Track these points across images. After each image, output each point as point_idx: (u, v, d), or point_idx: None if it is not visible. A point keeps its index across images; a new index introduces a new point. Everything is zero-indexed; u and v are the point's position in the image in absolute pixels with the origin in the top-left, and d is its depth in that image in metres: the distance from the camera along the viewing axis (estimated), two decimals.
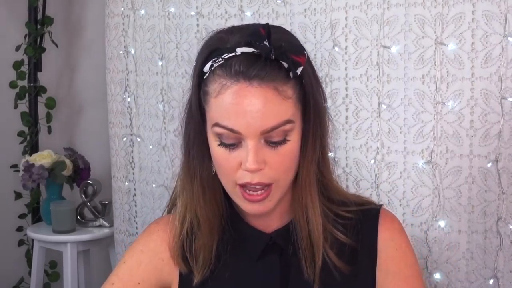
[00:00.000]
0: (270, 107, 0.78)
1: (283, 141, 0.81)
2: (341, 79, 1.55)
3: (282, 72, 0.80)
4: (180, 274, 0.95)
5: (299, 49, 0.84)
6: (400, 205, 1.50)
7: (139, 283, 0.93)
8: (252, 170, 0.79)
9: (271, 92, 0.78)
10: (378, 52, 1.50)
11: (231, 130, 0.80)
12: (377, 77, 1.51)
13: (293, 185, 0.89)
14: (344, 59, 1.54)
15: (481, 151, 1.41)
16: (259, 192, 0.82)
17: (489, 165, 1.40)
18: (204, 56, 0.84)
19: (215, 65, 0.81)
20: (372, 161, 1.53)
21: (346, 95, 1.55)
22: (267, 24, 0.81)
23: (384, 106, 1.51)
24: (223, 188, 0.89)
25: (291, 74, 0.80)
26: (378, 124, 1.52)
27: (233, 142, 0.81)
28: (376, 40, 1.50)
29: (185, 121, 0.92)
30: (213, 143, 0.84)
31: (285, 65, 0.80)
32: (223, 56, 0.80)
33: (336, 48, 1.55)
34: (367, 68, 1.52)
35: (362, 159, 1.54)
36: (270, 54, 0.78)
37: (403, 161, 1.50)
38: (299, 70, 0.81)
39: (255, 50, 0.79)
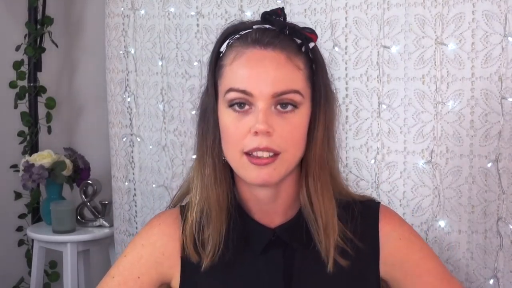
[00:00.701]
0: (282, 72, 0.82)
1: (292, 110, 0.84)
2: (341, 79, 1.55)
3: (294, 45, 0.85)
4: (182, 268, 0.95)
5: (312, 30, 0.89)
6: (400, 205, 1.50)
7: (139, 277, 0.94)
8: (261, 131, 0.80)
9: (284, 59, 0.83)
10: (378, 52, 1.50)
11: (244, 92, 0.82)
12: (377, 77, 1.51)
13: (301, 172, 0.90)
14: (344, 59, 1.55)
15: (481, 151, 1.41)
16: (265, 155, 0.82)
17: (489, 165, 1.40)
18: (222, 39, 0.89)
19: (231, 41, 0.87)
20: (372, 161, 1.53)
21: (346, 95, 1.55)
22: (283, 7, 0.89)
23: (384, 106, 1.51)
24: (232, 179, 0.92)
25: (303, 48, 0.85)
26: (378, 124, 1.52)
27: (244, 107, 0.83)
28: (376, 40, 1.50)
29: (200, 108, 0.93)
30: (224, 112, 0.86)
31: (298, 41, 0.86)
32: (240, 33, 0.87)
33: (336, 48, 1.55)
34: (367, 68, 1.52)
35: (362, 159, 1.54)
36: (285, 30, 0.85)
37: (403, 161, 1.50)
38: (311, 45, 0.86)
39: (270, 26, 0.86)
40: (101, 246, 2.18)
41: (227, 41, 0.87)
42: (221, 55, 0.88)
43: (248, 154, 0.83)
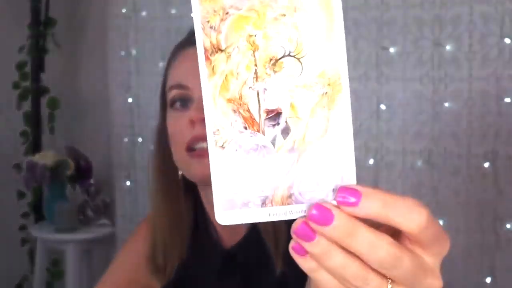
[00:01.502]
0: None
1: None
2: None
3: None
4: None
5: None
6: None
7: (129, 283, 0.92)
8: (196, 118, 0.74)
9: None
10: (377, 53, 1.52)
11: (179, 86, 0.79)
12: (376, 78, 1.52)
13: None
14: None
15: (478, 151, 1.42)
16: (204, 145, 0.75)
17: (486, 165, 1.41)
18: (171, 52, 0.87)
19: (174, 50, 0.85)
20: (371, 161, 1.55)
21: None
22: None
23: (383, 107, 1.52)
24: (192, 193, 0.86)
25: None
26: (377, 125, 1.53)
27: (186, 105, 0.78)
28: (375, 41, 1.51)
29: (157, 127, 0.90)
30: (168, 116, 0.81)
31: None
32: (180, 41, 0.86)
33: None
34: (366, 69, 1.53)
35: (361, 159, 1.56)
36: None
37: (402, 161, 1.51)
38: None
39: None
40: (103, 244, 2.19)
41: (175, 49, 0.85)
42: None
43: (191, 149, 0.76)
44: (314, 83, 0.33)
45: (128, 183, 1.93)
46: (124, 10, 1.86)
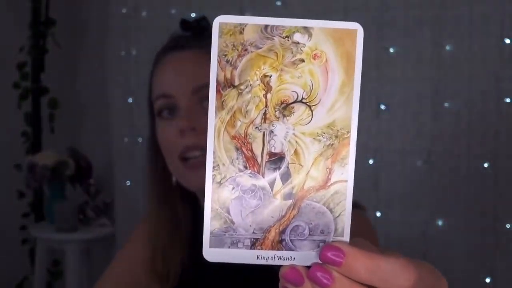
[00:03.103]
0: (201, 66, 0.74)
1: None
2: None
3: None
4: None
5: None
6: (398, 204, 1.52)
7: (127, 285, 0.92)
8: (185, 127, 0.74)
9: (203, 54, 0.75)
10: (377, 53, 1.52)
11: (163, 96, 0.78)
12: (376, 78, 1.52)
13: None
14: None
15: (478, 151, 1.42)
16: (197, 153, 0.75)
17: (486, 165, 1.41)
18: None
19: (156, 56, 0.84)
20: (371, 161, 1.55)
21: None
22: (204, 16, 0.87)
23: (383, 107, 1.52)
24: (191, 197, 0.85)
25: None
26: (377, 125, 1.53)
27: (174, 113, 0.77)
28: (375, 41, 1.51)
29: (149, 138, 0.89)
30: (157, 125, 0.80)
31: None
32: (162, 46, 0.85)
33: None
34: (366, 69, 1.53)
35: (361, 159, 1.56)
36: (202, 32, 0.83)
37: (402, 161, 1.51)
38: None
39: (186, 32, 0.84)
40: (104, 244, 2.20)
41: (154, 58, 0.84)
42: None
43: (185, 159, 0.76)
44: (322, 133, 0.33)
45: (128, 183, 1.93)
46: (124, 10, 1.86)
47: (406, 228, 1.47)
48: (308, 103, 0.33)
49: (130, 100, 1.90)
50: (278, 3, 1.64)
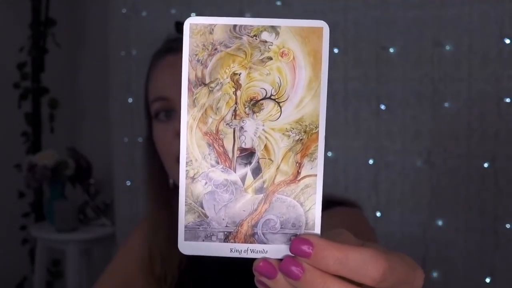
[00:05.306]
0: None
1: None
2: (340, 80, 1.57)
3: None
4: None
5: None
6: (398, 204, 1.52)
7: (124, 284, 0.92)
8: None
9: None
10: (377, 53, 1.52)
11: (161, 98, 0.79)
12: (376, 78, 1.52)
13: None
14: (344, 60, 1.56)
15: (478, 151, 1.42)
16: None
17: (486, 165, 1.42)
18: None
19: (153, 59, 0.85)
20: (371, 161, 1.55)
21: (346, 95, 1.57)
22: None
23: (383, 107, 1.52)
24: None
25: None
26: (377, 125, 1.54)
27: (170, 116, 0.79)
28: (375, 41, 1.52)
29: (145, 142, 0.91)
30: (154, 127, 0.81)
31: None
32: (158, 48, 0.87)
33: (336, 49, 1.57)
34: (366, 69, 1.53)
35: (361, 159, 1.56)
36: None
37: (401, 161, 1.51)
38: None
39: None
40: (104, 244, 2.20)
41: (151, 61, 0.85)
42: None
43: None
44: (291, 128, 0.34)
45: (128, 183, 1.93)
46: (124, 10, 1.87)
47: (406, 228, 1.47)
48: (276, 100, 0.34)
49: (130, 100, 1.90)
50: (278, 3, 1.64)
